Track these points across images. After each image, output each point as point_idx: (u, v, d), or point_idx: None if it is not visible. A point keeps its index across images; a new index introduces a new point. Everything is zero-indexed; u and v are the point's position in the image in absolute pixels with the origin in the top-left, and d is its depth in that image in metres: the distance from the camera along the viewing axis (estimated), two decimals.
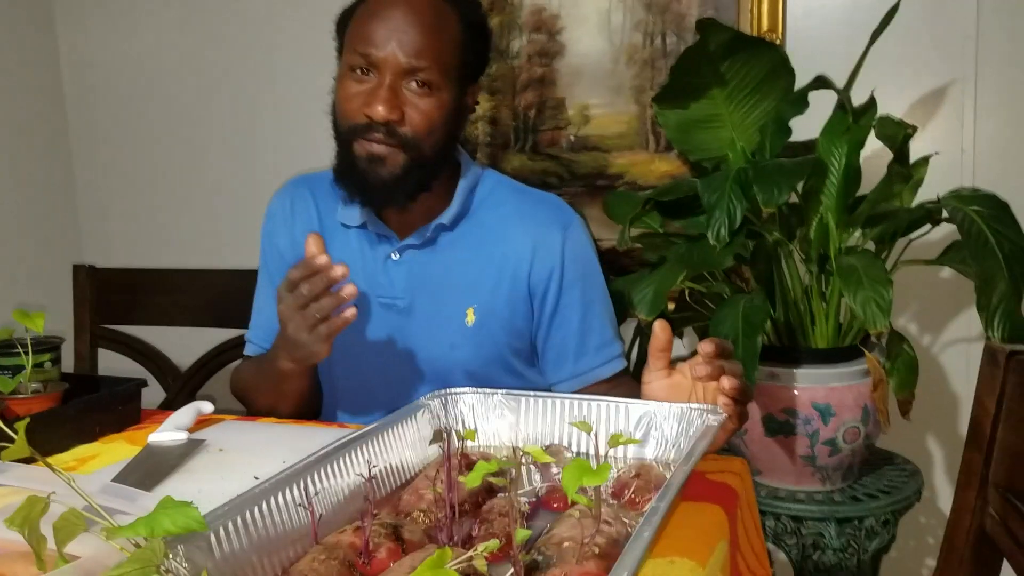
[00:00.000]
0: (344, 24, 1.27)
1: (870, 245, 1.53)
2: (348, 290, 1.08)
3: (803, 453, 1.48)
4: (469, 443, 0.98)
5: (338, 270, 1.07)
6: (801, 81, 1.49)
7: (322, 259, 1.08)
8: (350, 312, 1.09)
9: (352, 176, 1.25)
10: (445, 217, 1.29)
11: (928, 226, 1.50)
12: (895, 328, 1.54)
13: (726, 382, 0.95)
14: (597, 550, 0.71)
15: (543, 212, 1.34)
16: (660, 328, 1.03)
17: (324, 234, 1.34)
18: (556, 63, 2.03)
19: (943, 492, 1.86)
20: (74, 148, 2.55)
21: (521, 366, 1.36)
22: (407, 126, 1.21)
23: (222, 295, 1.89)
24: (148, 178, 2.49)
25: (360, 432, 0.90)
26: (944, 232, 1.51)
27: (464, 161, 1.35)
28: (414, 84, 1.20)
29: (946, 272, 1.77)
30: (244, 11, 2.30)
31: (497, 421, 1.04)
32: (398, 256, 1.31)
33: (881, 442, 1.59)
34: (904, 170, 1.48)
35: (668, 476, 0.80)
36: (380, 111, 1.18)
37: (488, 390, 1.04)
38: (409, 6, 1.20)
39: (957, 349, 1.83)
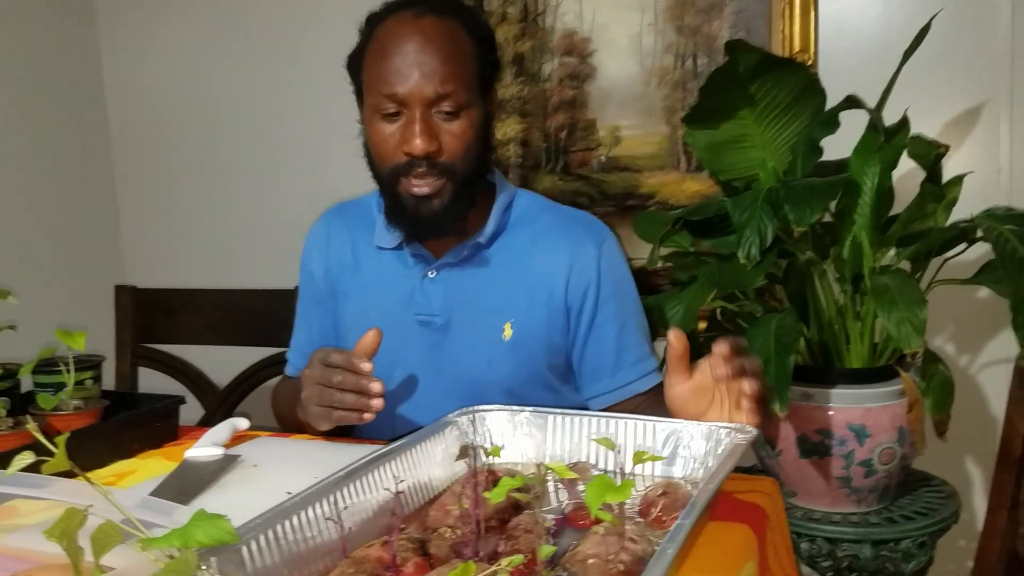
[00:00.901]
0: (356, 65, 1.28)
1: (904, 264, 1.52)
2: (376, 404, 1.11)
3: (838, 474, 1.47)
4: (496, 460, 0.99)
5: (376, 387, 1.10)
6: (833, 101, 1.48)
7: (367, 366, 1.10)
8: (367, 416, 1.12)
9: (403, 216, 1.26)
10: (481, 236, 1.31)
11: (963, 245, 1.49)
12: (930, 348, 1.53)
13: (747, 386, 0.94)
14: (622, 567, 0.71)
15: (578, 229, 1.35)
16: (675, 337, 1.03)
17: (359, 258, 1.38)
18: (587, 85, 2.04)
19: (982, 514, 1.82)
20: (116, 172, 2.61)
21: (557, 382, 1.36)
22: (446, 155, 1.21)
23: (259, 314, 1.92)
24: (187, 201, 2.54)
25: (389, 448, 0.91)
26: (979, 251, 1.50)
27: (499, 180, 1.36)
28: (443, 111, 1.21)
29: (982, 291, 1.74)
30: (288, 35, 2.35)
31: (524, 439, 1.04)
32: (435, 274, 1.32)
33: (917, 463, 1.57)
34: (937, 189, 1.47)
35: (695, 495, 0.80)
36: (419, 145, 1.19)
37: (516, 407, 1.05)
38: (423, 35, 1.20)
39: (994, 369, 1.80)
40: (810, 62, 1.82)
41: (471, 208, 1.28)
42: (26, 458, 0.67)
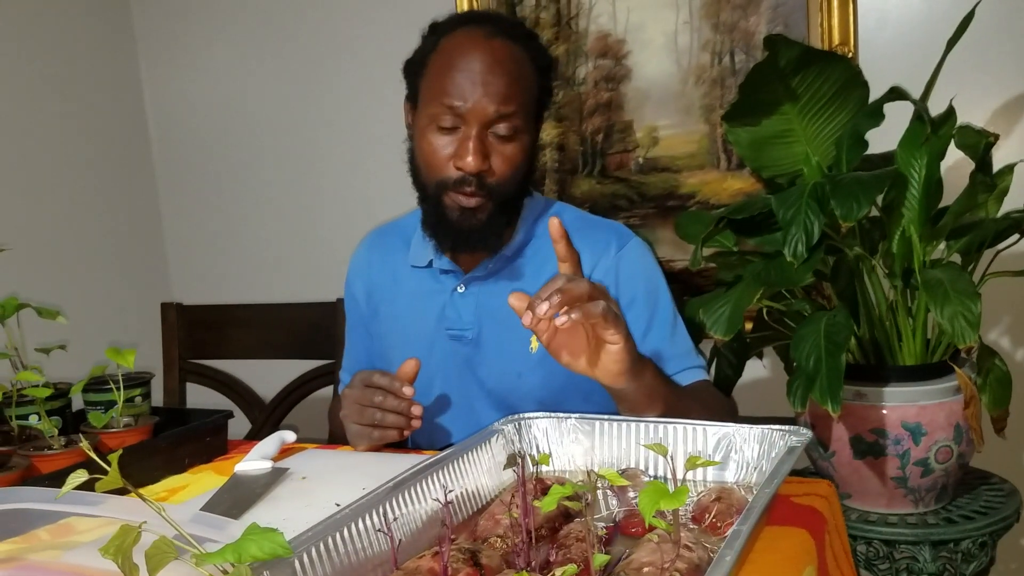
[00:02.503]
0: (415, 71, 1.28)
1: (956, 258, 1.48)
2: (414, 424, 1.16)
3: (894, 475, 1.43)
4: (544, 468, 0.98)
5: (416, 410, 1.15)
6: (876, 93, 1.45)
7: (408, 390, 1.15)
8: (404, 434, 1.17)
9: (443, 228, 1.27)
10: (508, 249, 1.32)
11: (1016, 236, 1.45)
12: (985, 343, 1.49)
13: (542, 308, 0.92)
14: (679, 575, 0.69)
15: (599, 235, 1.34)
16: (514, 299, 1.00)
17: (397, 279, 1.40)
18: (623, 87, 2.03)
19: None
20: (160, 191, 2.65)
21: (601, 391, 1.34)
22: (494, 175, 1.22)
23: (303, 328, 1.93)
24: (230, 218, 2.57)
25: (436, 458, 0.91)
26: None
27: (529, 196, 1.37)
28: (499, 131, 1.21)
29: None
30: (328, 51, 2.37)
31: (571, 446, 1.03)
32: (464, 289, 1.33)
33: (975, 461, 1.53)
34: (988, 179, 1.43)
35: (750, 500, 0.78)
36: (471, 163, 1.19)
37: (561, 414, 1.04)
38: (491, 55, 1.20)
39: None
40: (851, 54, 1.79)
41: (507, 227, 1.30)
42: (80, 476, 0.68)
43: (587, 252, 1.30)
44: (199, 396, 2.01)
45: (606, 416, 1.03)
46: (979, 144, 1.41)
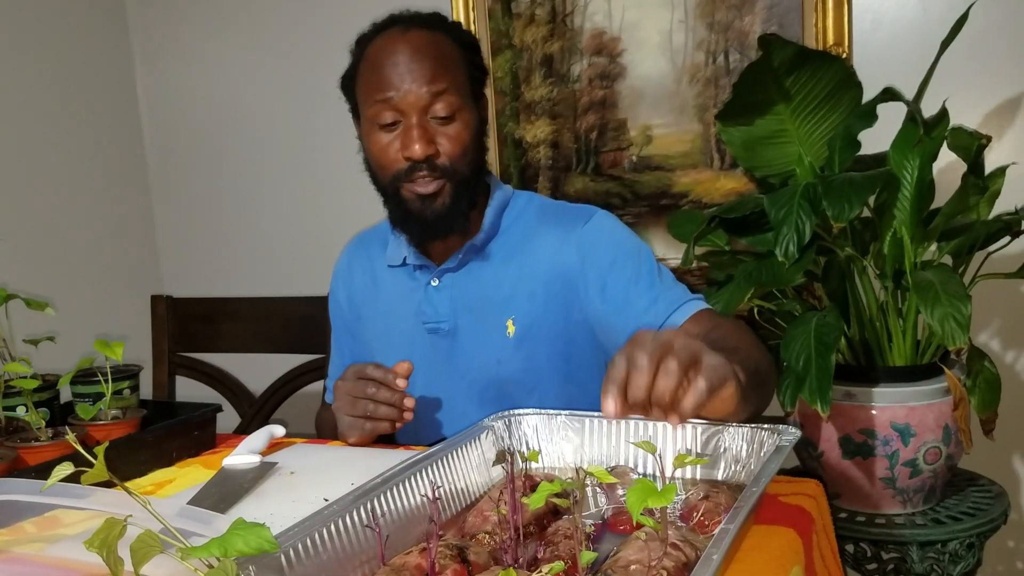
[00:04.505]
0: (349, 84, 1.32)
1: (947, 259, 1.49)
2: (407, 417, 1.17)
3: (882, 475, 1.44)
4: (533, 464, 0.98)
5: (409, 402, 1.16)
6: (869, 94, 1.46)
7: (402, 383, 1.16)
8: (396, 426, 1.18)
9: (409, 220, 1.29)
10: (477, 239, 1.32)
11: (1007, 238, 1.45)
12: (975, 345, 1.49)
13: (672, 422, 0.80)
14: (665, 573, 0.69)
15: (565, 213, 1.35)
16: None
17: (377, 282, 1.42)
18: (617, 85, 2.03)
19: None
20: (152, 183, 2.64)
21: (584, 371, 1.33)
22: (444, 157, 1.24)
23: (294, 322, 1.92)
24: (222, 211, 2.57)
25: (425, 454, 0.91)
26: None
27: (492, 182, 1.38)
28: (438, 115, 1.23)
29: None
30: (322, 46, 2.35)
31: (561, 443, 1.03)
32: (437, 282, 1.35)
33: (964, 463, 1.54)
34: (980, 181, 1.43)
35: (738, 498, 0.78)
36: (418, 150, 1.22)
37: (551, 411, 1.04)
38: (411, 45, 1.24)
39: None
40: (845, 55, 1.79)
41: (471, 210, 1.30)
42: (66, 468, 0.67)
43: (557, 232, 1.31)
44: (188, 389, 2.00)
45: (596, 413, 1.03)
46: (971, 146, 1.41)
